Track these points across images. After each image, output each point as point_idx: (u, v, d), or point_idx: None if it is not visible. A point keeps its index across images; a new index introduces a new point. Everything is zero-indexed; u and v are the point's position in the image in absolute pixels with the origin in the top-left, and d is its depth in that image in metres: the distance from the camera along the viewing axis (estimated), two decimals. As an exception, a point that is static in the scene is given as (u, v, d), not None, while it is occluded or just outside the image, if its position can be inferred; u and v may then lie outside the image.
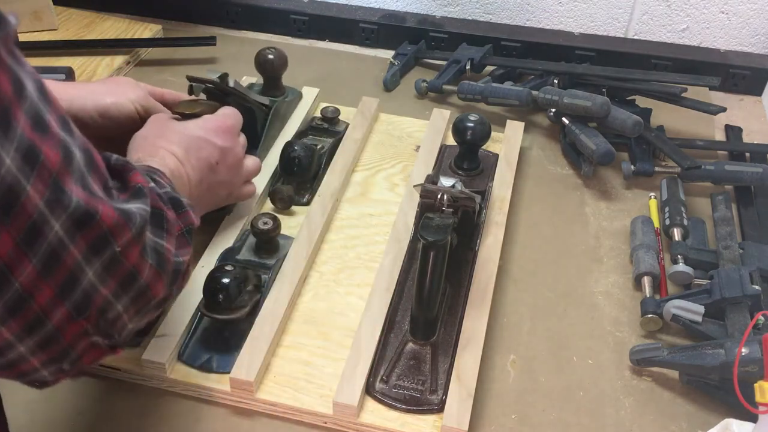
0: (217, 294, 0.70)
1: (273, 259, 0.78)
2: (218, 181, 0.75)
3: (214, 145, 0.74)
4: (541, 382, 0.72)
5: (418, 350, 0.72)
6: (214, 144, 0.74)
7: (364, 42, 1.23)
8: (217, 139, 0.74)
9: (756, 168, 0.91)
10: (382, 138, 1.00)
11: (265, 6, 1.25)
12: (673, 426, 0.69)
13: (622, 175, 0.95)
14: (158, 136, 0.71)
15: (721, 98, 1.11)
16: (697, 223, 0.86)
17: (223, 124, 0.76)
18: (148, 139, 0.71)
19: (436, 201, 0.73)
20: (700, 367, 0.67)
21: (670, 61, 1.14)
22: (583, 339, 0.76)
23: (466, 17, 1.24)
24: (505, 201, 0.88)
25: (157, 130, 0.72)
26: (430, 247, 0.67)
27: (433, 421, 0.67)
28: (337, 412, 0.67)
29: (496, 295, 0.78)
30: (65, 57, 1.12)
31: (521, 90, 1.02)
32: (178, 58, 1.17)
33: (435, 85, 1.09)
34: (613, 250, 0.86)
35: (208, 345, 0.72)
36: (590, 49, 1.15)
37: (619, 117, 0.93)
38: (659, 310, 0.75)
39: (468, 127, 0.86)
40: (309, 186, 0.90)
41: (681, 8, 1.15)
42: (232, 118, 0.78)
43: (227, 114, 0.78)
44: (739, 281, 0.73)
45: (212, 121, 0.76)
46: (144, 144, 0.70)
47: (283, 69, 0.96)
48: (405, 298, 0.76)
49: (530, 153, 1.00)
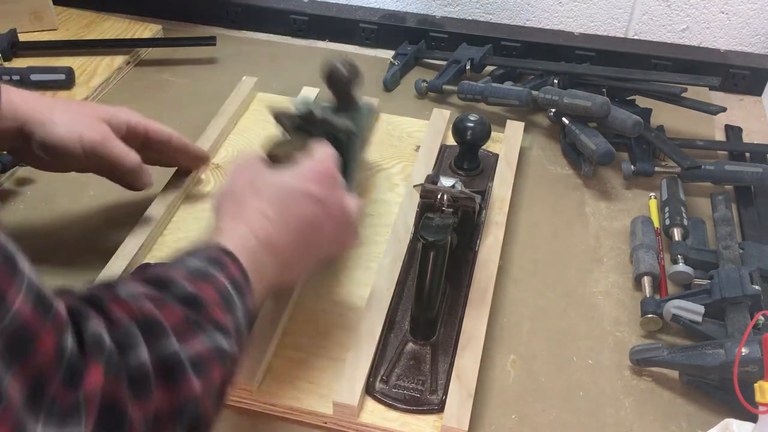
0: None
1: None
2: (319, 237, 0.65)
3: (313, 197, 0.63)
4: (541, 382, 0.72)
5: (418, 350, 0.72)
6: (312, 195, 0.63)
7: (364, 42, 1.23)
8: (316, 188, 0.63)
9: (756, 168, 0.91)
10: (382, 138, 1.00)
11: (265, 6, 1.25)
12: (673, 426, 0.69)
13: (622, 175, 0.95)
14: (247, 192, 0.62)
15: (721, 98, 1.11)
16: (697, 223, 0.86)
17: (321, 167, 0.65)
18: (236, 196, 0.62)
19: (436, 201, 0.73)
20: (700, 367, 0.67)
21: (670, 61, 1.14)
22: (583, 339, 0.76)
23: (466, 17, 1.24)
24: (505, 201, 0.88)
25: (245, 183, 0.63)
26: (430, 247, 0.67)
27: (433, 421, 0.67)
28: (337, 412, 0.67)
29: (496, 295, 0.78)
30: (65, 57, 1.12)
31: (521, 90, 1.02)
32: (178, 58, 1.17)
33: (435, 85, 1.09)
34: (613, 250, 0.86)
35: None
36: (590, 49, 1.15)
37: (619, 117, 0.93)
38: (659, 310, 0.75)
39: (468, 127, 0.86)
40: (309, 186, 0.89)
41: (681, 8, 1.15)
42: (329, 158, 0.67)
43: (324, 155, 0.67)
44: (739, 281, 0.73)
45: (309, 167, 0.65)
46: (231, 202, 0.62)
47: (357, 82, 0.81)
48: (405, 298, 0.76)
49: (530, 153, 1.00)
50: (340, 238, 0.68)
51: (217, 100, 1.03)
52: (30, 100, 0.73)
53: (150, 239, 0.82)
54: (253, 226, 0.59)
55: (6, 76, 1.05)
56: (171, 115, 1.05)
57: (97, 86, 1.08)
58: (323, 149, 0.67)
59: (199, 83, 1.13)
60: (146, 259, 0.81)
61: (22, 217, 0.88)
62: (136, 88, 1.11)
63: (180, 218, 0.87)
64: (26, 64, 1.09)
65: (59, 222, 0.87)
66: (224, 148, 0.97)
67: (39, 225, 0.87)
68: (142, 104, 1.07)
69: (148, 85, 1.12)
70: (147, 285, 0.49)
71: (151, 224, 0.83)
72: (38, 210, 0.89)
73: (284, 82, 1.12)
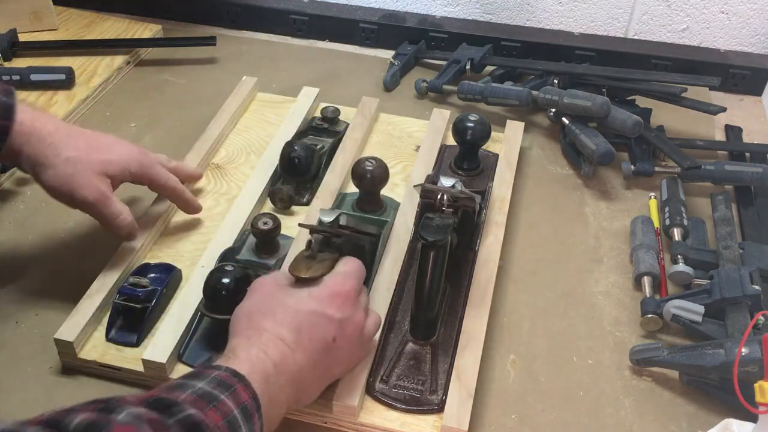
0: (218, 294, 0.70)
1: (273, 259, 0.78)
2: (335, 359, 0.64)
3: (331, 319, 0.62)
4: (541, 382, 0.72)
5: (418, 350, 0.72)
6: (330, 318, 0.62)
7: (364, 42, 1.23)
8: (335, 310, 0.62)
9: (756, 168, 0.91)
10: (382, 138, 1.00)
11: (265, 6, 1.25)
12: (673, 426, 0.69)
13: (622, 175, 0.95)
14: (264, 313, 0.61)
15: (721, 98, 1.11)
16: (697, 223, 0.86)
17: (342, 289, 0.64)
18: (252, 317, 0.61)
19: (436, 201, 0.73)
20: (700, 367, 0.67)
21: (670, 61, 1.14)
22: (583, 339, 0.76)
23: (466, 17, 1.24)
24: (505, 201, 0.88)
25: (263, 305, 0.62)
26: (430, 247, 0.67)
27: (433, 421, 0.67)
28: (337, 412, 0.67)
29: (496, 295, 0.78)
30: (65, 57, 1.12)
31: (521, 90, 1.02)
32: (178, 58, 1.17)
33: (435, 85, 1.09)
34: (613, 250, 0.86)
35: (208, 345, 0.72)
36: (590, 49, 1.15)
37: (619, 117, 0.93)
38: (659, 310, 0.75)
39: (468, 127, 0.86)
40: (309, 186, 0.90)
41: (681, 8, 1.15)
42: (353, 276, 0.65)
43: (347, 273, 0.65)
44: (739, 281, 0.73)
45: (329, 288, 0.63)
46: (247, 324, 0.61)
47: (385, 182, 0.81)
48: (405, 298, 0.76)
49: (530, 153, 1.00)
50: (355, 357, 0.67)
51: (217, 100, 1.03)
52: (42, 130, 0.72)
53: (150, 239, 0.82)
54: (268, 349, 0.58)
55: (6, 76, 1.05)
56: (171, 115, 1.06)
57: (97, 86, 1.08)
58: (348, 266, 0.66)
59: (199, 83, 1.13)
60: (146, 259, 0.81)
61: (22, 217, 0.88)
62: (136, 88, 1.11)
63: (180, 218, 0.87)
64: (26, 64, 1.09)
65: (59, 222, 0.87)
66: (224, 148, 0.97)
67: (39, 225, 0.87)
68: (142, 104, 1.08)
69: (148, 85, 1.12)
70: (149, 407, 0.48)
71: (151, 224, 0.83)
72: (38, 210, 0.89)
73: (284, 82, 1.12)
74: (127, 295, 0.73)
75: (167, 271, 0.77)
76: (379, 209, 0.84)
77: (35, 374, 0.71)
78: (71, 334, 0.70)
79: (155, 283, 0.75)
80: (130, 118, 1.05)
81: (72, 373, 0.72)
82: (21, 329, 0.75)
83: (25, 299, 0.78)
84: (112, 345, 0.72)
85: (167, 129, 1.03)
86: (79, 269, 0.81)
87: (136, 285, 0.74)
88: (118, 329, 0.73)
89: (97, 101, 1.08)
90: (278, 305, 0.62)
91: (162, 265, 0.78)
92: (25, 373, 0.71)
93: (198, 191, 0.90)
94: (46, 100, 1.05)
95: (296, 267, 0.64)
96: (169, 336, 0.71)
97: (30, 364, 0.72)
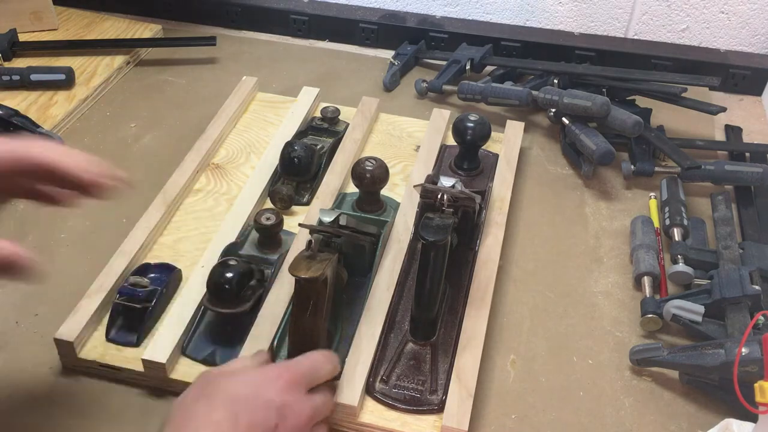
0: (221, 288, 0.70)
1: (275, 255, 0.78)
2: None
3: (271, 405, 0.58)
4: (541, 382, 0.72)
5: (418, 350, 0.72)
6: (270, 403, 0.58)
7: (364, 42, 1.23)
8: (275, 394, 0.59)
9: (756, 168, 0.91)
10: (382, 138, 1.00)
11: (265, 6, 1.25)
12: (673, 426, 0.69)
13: (622, 175, 0.95)
14: (198, 398, 0.58)
15: (721, 98, 1.12)
16: (697, 223, 0.86)
17: (288, 373, 0.61)
18: (187, 404, 0.58)
19: (436, 201, 0.73)
20: (700, 367, 0.67)
21: (670, 61, 1.14)
22: (583, 339, 0.76)
23: (466, 17, 1.24)
24: (505, 201, 0.88)
25: (200, 390, 0.59)
26: (430, 247, 0.67)
27: (433, 421, 0.67)
28: (337, 412, 0.67)
29: (496, 295, 0.78)
30: (65, 57, 1.13)
31: (521, 90, 1.02)
32: (178, 58, 1.17)
33: (435, 85, 1.09)
34: (613, 250, 0.86)
35: (211, 338, 0.72)
36: (590, 49, 1.15)
37: (619, 117, 0.93)
38: (659, 310, 0.75)
39: (468, 127, 0.86)
40: (309, 186, 0.90)
41: (681, 8, 1.15)
42: (306, 363, 0.63)
43: (300, 360, 0.63)
44: (739, 281, 0.73)
45: (275, 371, 0.61)
46: (179, 412, 0.58)
47: (385, 182, 0.82)
48: (405, 298, 0.76)
49: (530, 153, 1.00)
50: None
51: (217, 100, 1.03)
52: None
53: (150, 239, 0.82)
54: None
55: (6, 76, 1.05)
56: (171, 115, 1.06)
57: (97, 86, 1.08)
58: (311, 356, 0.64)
59: (199, 83, 1.13)
60: (146, 259, 0.81)
61: (23, 216, 0.88)
62: (136, 88, 1.11)
63: (180, 219, 0.87)
64: (26, 64, 1.09)
65: (59, 222, 0.87)
66: (224, 148, 0.97)
67: (39, 225, 0.87)
68: (142, 104, 1.08)
69: (148, 85, 1.12)
70: None
71: (151, 224, 0.83)
72: (38, 210, 0.89)
73: (284, 82, 1.12)
74: (128, 295, 0.73)
75: (167, 271, 0.77)
76: (379, 209, 0.84)
77: (35, 374, 0.71)
78: (71, 334, 0.70)
79: (155, 283, 0.75)
80: (130, 118, 1.05)
81: (72, 373, 0.72)
82: (21, 329, 0.75)
83: (25, 299, 0.78)
84: (112, 345, 0.72)
85: (167, 129, 1.03)
86: (79, 269, 0.81)
87: (136, 285, 0.74)
88: (118, 329, 0.73)
89: (97, 101, 1.08)
90: (214, 390, 0.59)
91: (162, 265, 0.78)
92: (25, 373, 0.71)
93: (198, 191, 0.90)
94: (46, 100, 1.05)
95: (296, 267, 0.64)
96: (169, 336, 0.71)
97: (30, 364, 0.72)
